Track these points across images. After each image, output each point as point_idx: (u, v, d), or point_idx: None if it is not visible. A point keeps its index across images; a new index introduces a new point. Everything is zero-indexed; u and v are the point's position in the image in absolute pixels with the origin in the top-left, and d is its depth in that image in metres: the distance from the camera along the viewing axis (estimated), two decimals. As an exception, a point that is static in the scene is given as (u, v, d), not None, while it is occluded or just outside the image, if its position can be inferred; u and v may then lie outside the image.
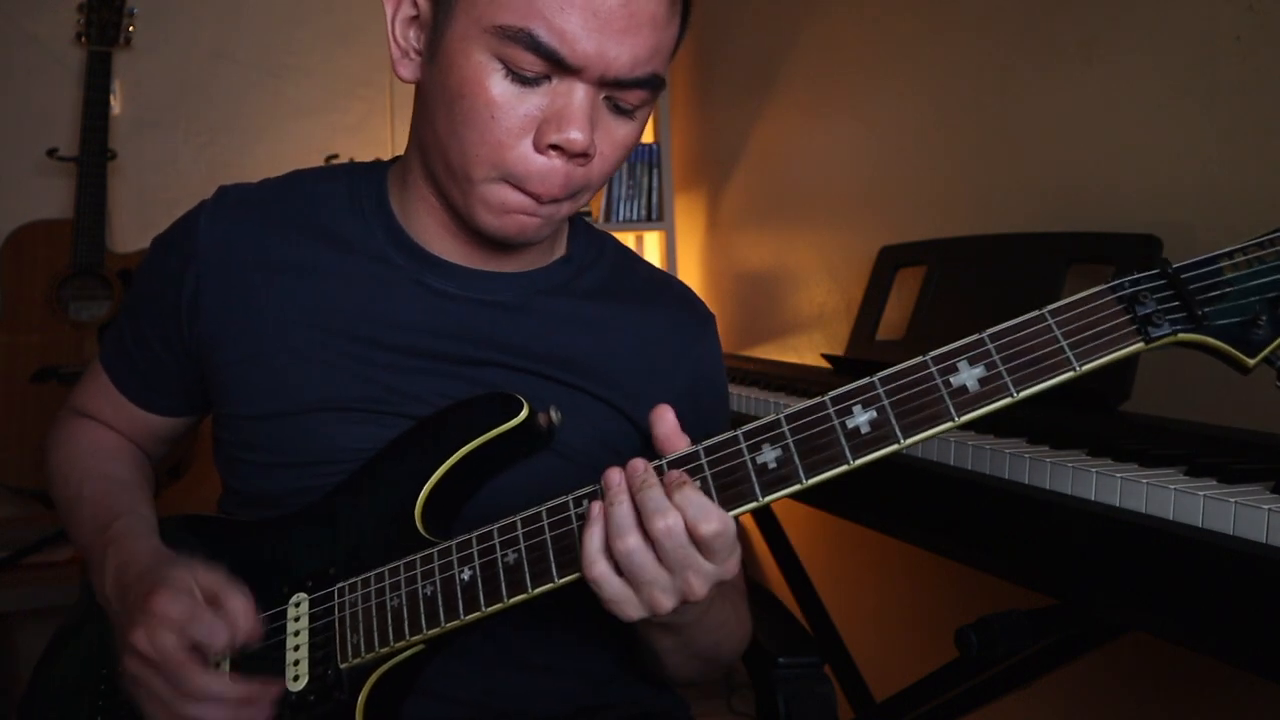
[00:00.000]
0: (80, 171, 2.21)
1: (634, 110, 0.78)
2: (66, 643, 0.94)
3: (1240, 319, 0.59)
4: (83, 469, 0.95)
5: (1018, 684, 1.27)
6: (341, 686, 0.79)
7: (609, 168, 0.80)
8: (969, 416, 0.62)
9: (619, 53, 0.72)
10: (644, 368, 0.92)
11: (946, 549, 1.16)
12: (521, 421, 0.79)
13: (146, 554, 0.82)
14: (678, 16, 0.77)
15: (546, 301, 0.90)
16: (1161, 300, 0.61)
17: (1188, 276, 0.60)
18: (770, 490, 0.66)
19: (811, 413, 0.66)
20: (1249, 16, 1.25)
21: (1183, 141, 1.34)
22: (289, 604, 0.83)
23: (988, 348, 0.63)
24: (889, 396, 0.64)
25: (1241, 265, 0.60)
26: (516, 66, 0.73)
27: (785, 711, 1.06)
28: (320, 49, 2.57)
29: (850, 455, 0.64)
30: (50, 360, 2.14)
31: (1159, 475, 0.90)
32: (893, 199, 1.97)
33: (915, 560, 1.83)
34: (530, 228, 0.81)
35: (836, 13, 2.11)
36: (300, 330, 0.86)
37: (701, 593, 0.66)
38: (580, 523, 0.69)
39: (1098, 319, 0.61)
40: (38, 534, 2.01)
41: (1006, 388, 0.61)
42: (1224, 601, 0.80)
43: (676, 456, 0.69)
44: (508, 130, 0.75)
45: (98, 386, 0.98)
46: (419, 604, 0.76)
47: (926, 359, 0.64)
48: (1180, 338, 0.60)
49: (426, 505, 0.81)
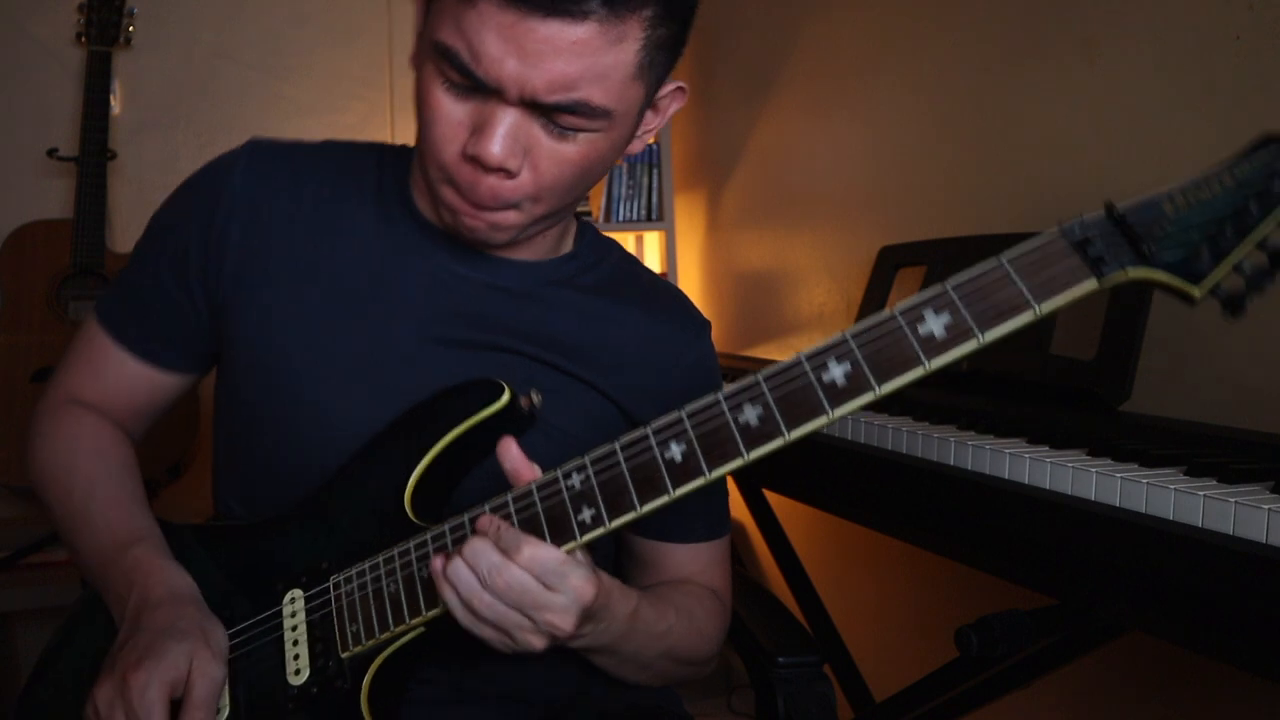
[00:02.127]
0: (80, 171, 2.20)
1: (574, 132, 0.78)
2: (70, 639, 0.94)
3: (1184, 254, 0.62)
4: (88, 474, 0.93)
5: (1018, 684, 1.27)
6: (344, 676, 0.79)
7: (554, 182, 0.80)
8: (939, 361, 0.65)
9: (533, 76, 0.73)
10: (641, 363, 0.94)
11: (946, 549, 1.16)
12: (503, 406, 0.81)
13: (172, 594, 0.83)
14: (628, 44, 0.75)
15: (551, 291, 0.93)
16: (1109, 241, 0.63)
17: (1132, 218, 0.63)
18: (755, 446, 0.68)
19: (788, 371, 0.68)
20: (1249, 16, 1.25)
21: (1183, 141, 1.34)
22: (284, 601, 0.83)
23: (950, 296, 0.65)
24: (861, 349, 0.66)
25: (1181, 205, 0.63)
26: (448, 79, 0.77)
27: (785, 711, 1.06)
28: (321, 49, 2.57)
29: (829, 406, 0.66)
30: (50, 360, 2.14)
31: (1159, 475, 0.90)
32: (893, 199, 1.97)
33: (915, 560, 1.83)
34: (480, 229, 0.83)
35: (836, 13, 2.11)
36: (316, 296, 0.89)
37: (567, 627, 0.71)
38: (571, 494, 0.72)
39: (1051, 261, 0.64)
40: (38, 534, 2.01)
41: (972, 331, 0.64)
42: (1224, 602, 0.80)
43: (663, 421, 0.71)
44: (442, 135, 0.79)
45: (86, 357, 0.97)
46: (416, 587, 0.77)
47: (893, 312, 0.66)
48: (1130, 274, 0.63)
49: (415, 493, 0.82)
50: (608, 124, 0.79)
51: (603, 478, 0.72)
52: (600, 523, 0.72)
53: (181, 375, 0.98)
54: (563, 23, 0.72)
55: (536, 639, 0.72)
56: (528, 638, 0.72)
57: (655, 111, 0.87)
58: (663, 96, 0.86)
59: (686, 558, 0.97)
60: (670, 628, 0.87)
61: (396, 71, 2.63)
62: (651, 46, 0.77)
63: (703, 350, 0.99)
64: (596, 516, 0.72)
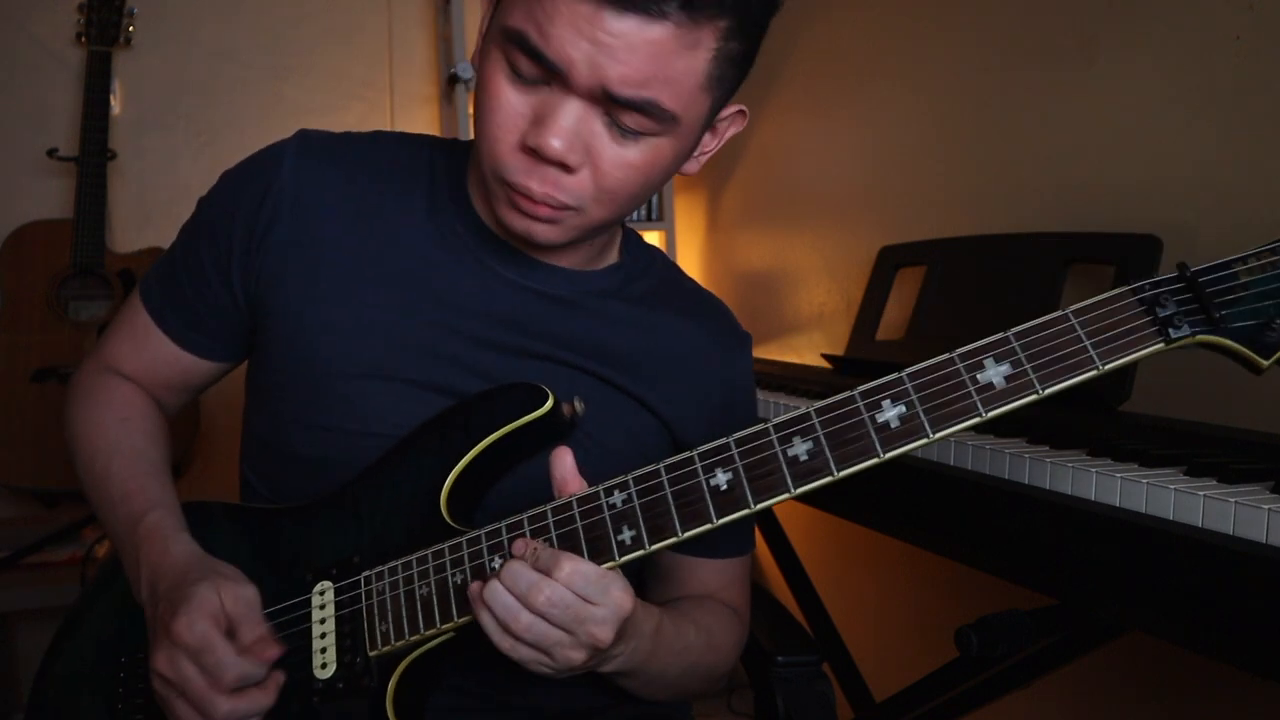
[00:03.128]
0: (80, 171, 2.20)
1: (637, 135, 0.76)
2: (77, 629, 0.94)
3: (1255, 321, 0.61)
4: (111, 441, 0.93)
5: (1017, 684, 1.27)
6: (370, 674, 0.79)
7: (615, 186, 0.79)
8: (996, 412, 0.64)
9: (606, 65, 0.72)
10: (682, 374, 0.94)
11: (946, 549, 1.16)
12: (546, 412, 0.80)
13: (179, 560, 0.82)
14: (701, 52, 0.74)
15: (597, 301, 0.92)
16: (1181, 303, 0.62)
17: (1205, 280, 0.62)
18: (802, 482, 0.68)
19: (841, 406, 0.67)
20: (1249, 16, 1.25)
21: (1183, 141, 1.34)
22: (313, 592, 0.83)
23: (1013, 345, 0.64)
24: (917, 391, 0.65)
25: (1256, 269, 0.62)
26: (515, 67, 0.75)
27: (784, 711, 1.06)
28: (321, 49, 2.56)
29: (880, 448, 0.66)
30: (50, 360, 2.14)
31: (1159, 475, 0.90)
32: (893, 199, 1.97)
33: (915, 560, 1.83)
34: (536, 231, 0.81)
35: (837, 13, 2.10)
36: (361, 289, 0.88)
37: (608, 638, 0.71)
38: (612, 512, 0.72)
39: (1119, 319, 0.63)
40: (37, 534, 2.01)
41: (1032, 384, 0.63)
42: (1224, 602, 0.80)
43: (709, 447, 0.71)
44: (501, 125, 0.77)
45: (129, 329, 0.97)
46: (449, 592, 0.77)
47: (953, 356, 0.65)
48: (1199, 339, 0.62)
49: (452, 493, 0.81)
50: (673, 131, 0.77)
51: (645, 499, 0.71)
52: (640, 545, 0.71)
53: (215, 362, 0.98)
54: (639, 20, 0.70)
55: (577, 653, 0.71)
56: (568, 654, 0.71)
57: (714, 134, 0.86)
58: (723, 118, 0.85)
59: (709, 573, 0.97)
60: (690, 645, 0.87)
61: (397, 71, 2.63)
62: (723, 59, 0.76)
63: (744, 365, 1.00)
64: (637, 538, 0.71)
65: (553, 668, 0.72)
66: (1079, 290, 1.40)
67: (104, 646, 0.90)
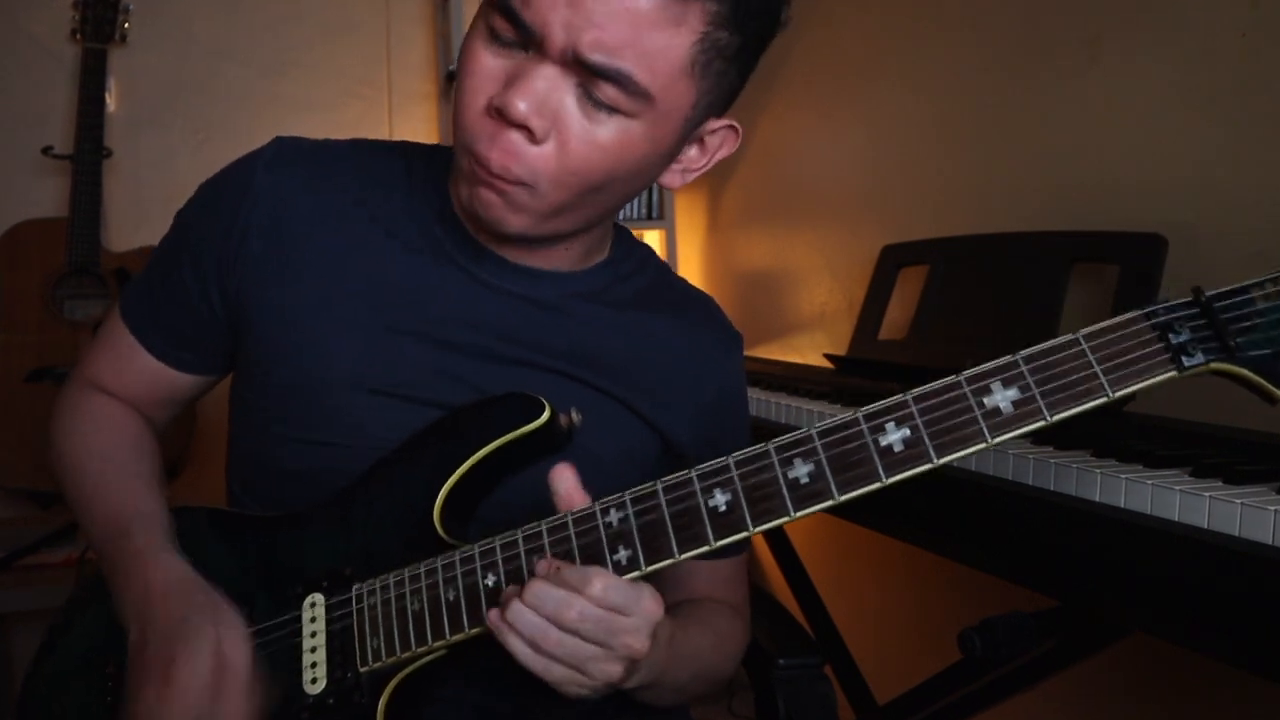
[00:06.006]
0: (75, 169, 2.19)
1: (609, 111, 0.74)
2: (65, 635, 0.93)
3: (1271, 350, 0.60)
4: (98, 462, 0.92)
5: (1021, 686, 1.26)
6: (361, 690, 0.78)
7: (579, 166, 0.76)
8: (1002, 438, 0.63)
9: (581, 28, 0.70)
10: (671, 377, 0.92)
11: (949, 550, 1.15)
12: (543, 424, 0.79)
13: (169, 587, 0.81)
14: (684, 31, 0.72)
15: (582, 305, 0.90)
16: (1195, 329, 0.61)
17: (1220, 305, 0.61)
18: (802, 505, 0.66)
19: (844, 428, 0.66)
20: (1253, 14, 1.24)
21: (1186, 139, 1.33)
22: (304, 605, 0.82)
23: (1021, 370, 0.63)
24: (922, 415, 0.64)
25: (1273, 295, 0.60)
26: (494, 29, 0.75)
27: (785, 713, 1.05)
28: (318, 46, 2.55)
29: (884, 473, 0.64)
30: (46, 360, 2.13)
31: (1164, 476, 0.89)
32: (894, 198, 1.96)
33: (917, 561, 1.82)
34: (493, 204, 0.79)
35: (837, 13, 2.10)
36: (343, 300, 0.86)
37: (643, 646, 0.70)
38: (608, 531, 0.71)
39: (1131, 345, 0.62)
40: (34, 535, 2.00)
41: (1040, 411, 0.62)
42: (1229, 604, 0.79)
43: (709, 467, 0.69)
44: (471, 89, 0.76)
45: (110, 344, 0.96)
46: (441, 609, 0.75)
47: (960, 379, 0.64)
48: (1213, 367, 0.61)
49: (446, 505, 0.80)
50: (645, 112, 0.74)
51: (642, 520, 0.70)
52: (636, 565, 0.70)
53: (200, 376, 0.96)
54: None
55: (614, 666, 0.70)
56: (604, 667, 0.70)
57: (702, 149, 0.84)
58: (713, 130, 0.82)
59: (708, 574, 0.96)
60: (699, 649, 0.86)
61: (394, 68, 2.62)
62: (710, 46, 0.74)
63: (735, 365, 0.98)
64: (633, 559, 0.70)
65: (590, 686, 0.71)
66: (1083, 290, 1.40)
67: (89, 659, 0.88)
